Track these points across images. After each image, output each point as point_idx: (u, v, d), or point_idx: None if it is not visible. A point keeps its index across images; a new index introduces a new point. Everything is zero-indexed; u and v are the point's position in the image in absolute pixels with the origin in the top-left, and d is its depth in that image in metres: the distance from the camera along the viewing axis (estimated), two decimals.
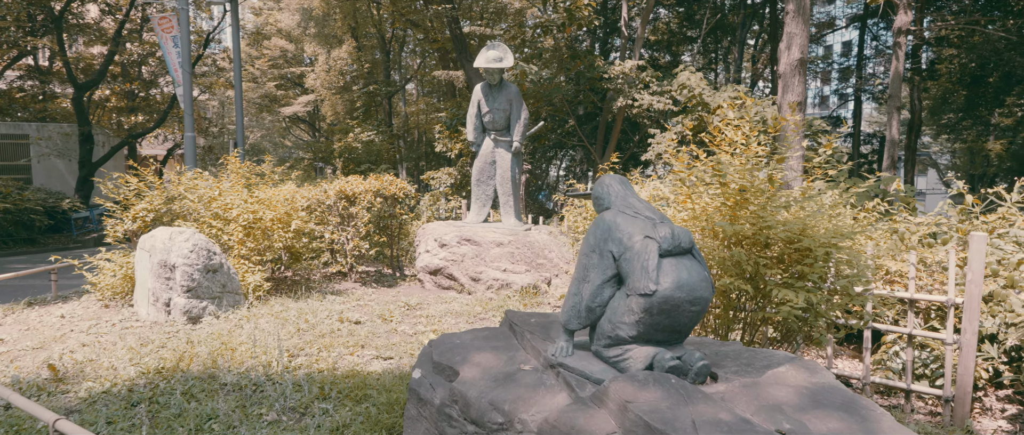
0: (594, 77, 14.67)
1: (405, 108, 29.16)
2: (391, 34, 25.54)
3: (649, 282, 2.44)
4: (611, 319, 2.62)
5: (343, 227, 7.13)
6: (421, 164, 23.92)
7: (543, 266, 6.87)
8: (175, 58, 11.81)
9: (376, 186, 7.37)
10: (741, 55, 25.30)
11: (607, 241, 2.67)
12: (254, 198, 6.16)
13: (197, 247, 5.21)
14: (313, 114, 31.03)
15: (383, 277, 7.79)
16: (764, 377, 2.41)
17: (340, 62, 24.34)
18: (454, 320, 5.51)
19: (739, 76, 25.10)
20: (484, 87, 7.34)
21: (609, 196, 2.92)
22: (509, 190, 7.41)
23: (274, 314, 5.33)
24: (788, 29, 7.95)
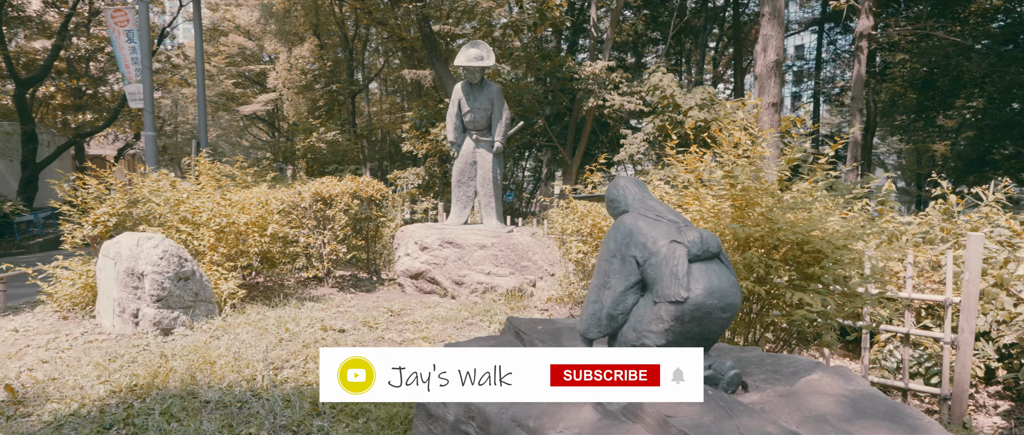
0: (565, 77, 14.64)
1: (368, 108, 28.65)
2: (354, 32, 25.05)
3: (680, 289, 2.34)
4: (636, 327, 2.51)
5: (319, 230, 6.84)
6: (385, 164, 23.51)
7: (527, 268, 6.74)
8: (128, 54, 11.20)
9: (352, 187, 7.11)
10: (703, 58, 25.78)
11: (629, 246, 2.55)
12: (226, 200, 5.83)
13: (167, 253, 4.88)
14: (273, 113, 30.19)
15: (360, 281, 7.53)
16: (798, 385, 2.34)
17: (302, 60, 23.72)
18: (441, 326, 5.33)
19: (701, 78, 25.56)
20: (465, 86, 7.17)
21: (625, 198, 2.81)
22: (491, 191, 7.26)
23: (252, 323, 5.05)
24: (763, 32, 8.04)
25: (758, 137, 3.57)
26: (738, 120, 3.75)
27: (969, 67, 17.45)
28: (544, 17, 13.99)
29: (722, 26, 26.66)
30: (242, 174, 6.83)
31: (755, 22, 27.03)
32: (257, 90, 28.60)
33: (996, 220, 4.57)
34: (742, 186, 3.50)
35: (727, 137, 3.69)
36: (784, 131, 6.90)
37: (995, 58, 16.74)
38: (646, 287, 2.55)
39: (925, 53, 18.97)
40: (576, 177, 17.50)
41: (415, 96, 23.81)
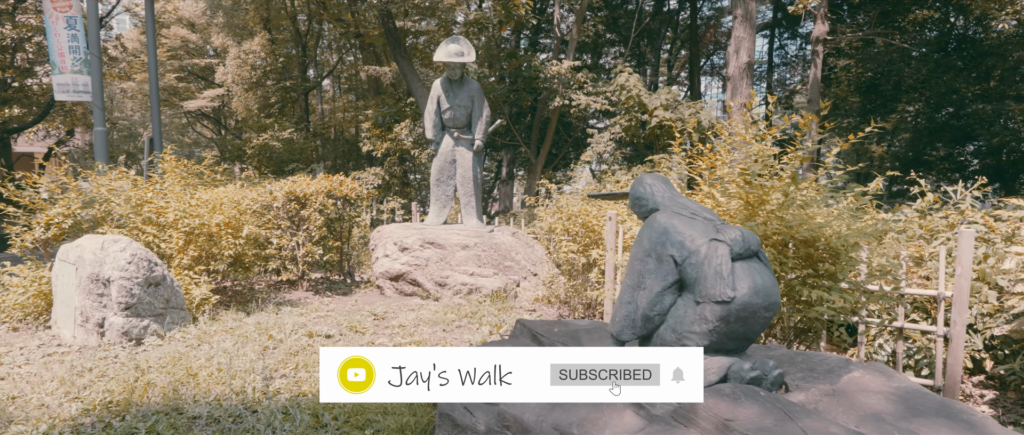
0: (530, 76, 14.59)
1: (322, 105, 27.90)
2: (306, 28, 24.31)
3: (726, 288, 2.28)
4: (676, 329, 2.44)
5: (293, 231, 6.53)
6: (339, 162, 22.94)
7: (511, 268, 6.63)
8: (65, 41, 10.44)
9: (327, 186, 6.82)
10: (657, 59, 26.30)
11: (665, 245, 2.48)
12: (196, 200, 5.47)
13: (136, 257, 4.52)
14: (220, 110, 28.98)
15: (334, 284, 7.24)
16: (842, 384, 2.32)
17: (252, 55, 22.82)
18: (430, 329, 5.16)
19: (656, 80, 26.05)
20: (444, 83, 7.00)
21: (653, 196, 2.74)
22: (471, 190, 7.12)
23: (230, 331, 4.74)
24: (736, 34, 8.20)
25: (766, 135, 3.59)
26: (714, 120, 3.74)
27: (909, 73, 18.44)
28: (510, 15, 13.89)
29: (676, 29, 27.23)
30: (210, 172, 6.43)
31: (710, 25, 27.78)
32: (202, 85, 27.38)
33: (972, 217, 4.76)
34: (754, 183, 3.50)
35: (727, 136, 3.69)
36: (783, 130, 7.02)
37: (933, 65, 17.74)
38: (684, 287, 2.49)
39: (868, 59, 19.95)
40: (540, 176, 17.50)
41: (372, 94, 23.29)
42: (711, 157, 3.92)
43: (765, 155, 3.49)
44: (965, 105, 18.49)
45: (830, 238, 3.19)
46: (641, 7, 20.85)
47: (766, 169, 3.47)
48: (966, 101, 18.53)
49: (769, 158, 3.50)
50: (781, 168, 3.68)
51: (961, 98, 18.72)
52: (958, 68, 18.36)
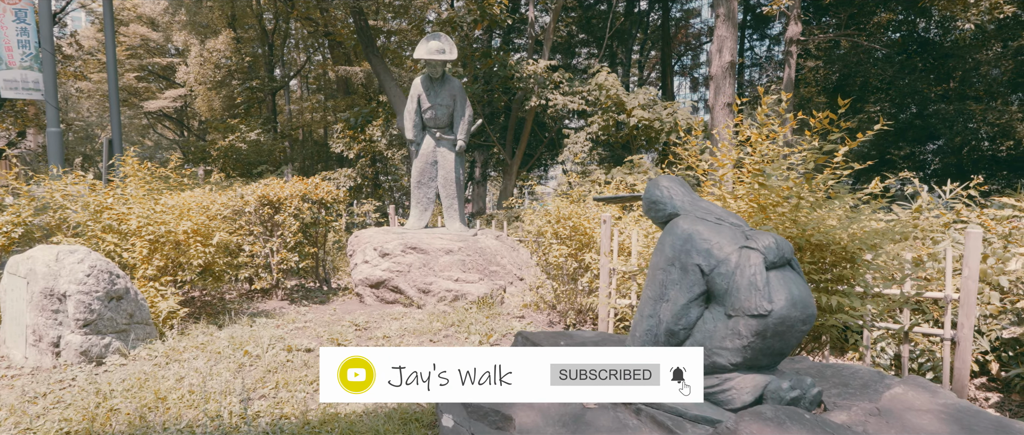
0: (506, 76, 14.38)
1: (289, 106, 27.22)
2: (273, 26, 23.66)
3: (763, 301, 2.10)
4: (705, 344, 2.25)
5: (267, 238, 6.17)
6: (308, 164, 22.37)
7: (496, 274, 6.40)
8: (13, 35, 9.81)
9: (302, 190, 6.49)
10: (628, 60, 26.41)
11: (690, 253, 2.29)
12: (161, 205, 5.08)
13: (96, 269, 4.15)
14: (182, 110, 28.02)
15: (310, 292, 6.89)
16: (884, 402, 2.16)
17: (217, 54, 22.06)
18: (416, 340, 4.90)
19: (629, 81, 26.15)
20: (424, 81, 6.73)
21: (671, 200, 2.55)
22: (453, 192, 6.86)
23: (201, 347, 4.39)
24: (718, 33, 8.13)
25: (776, 134, 3.44)
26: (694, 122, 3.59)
27: (874, 74, 18.85)
28: (485, 14, 13.65)
29: (646, 30, 27.39)
30: (177, 176, 6.02)
31: (681, 27, 28.01)
32: (164, 85, 26.42)
33: (967, 216, 4.72)
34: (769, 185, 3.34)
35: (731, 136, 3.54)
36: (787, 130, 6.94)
37: (898, 67, 18.15)
38: (711, 299, 2.30)
39: (834, 61, 20.34)
40: (516, 177, 17.30)
41: (342, 94, 22.76)
42: (713, 158, 3.76)
43: (777, 155, 3.34)
44: (927, 105, 18.99)
45: (847, 241, 3.05)
46: (614, 8, 20.85)
47: (776, 170, 3.32)
48: (928, 101, 19.02)
49: (780, 158, 3.36)
50: (788, 168, 3.54)
51: (924, 99, 19.22)
52: (920, 69, 18.85)
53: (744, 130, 3.68)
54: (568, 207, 5.45)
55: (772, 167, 3.21)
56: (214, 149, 18.27)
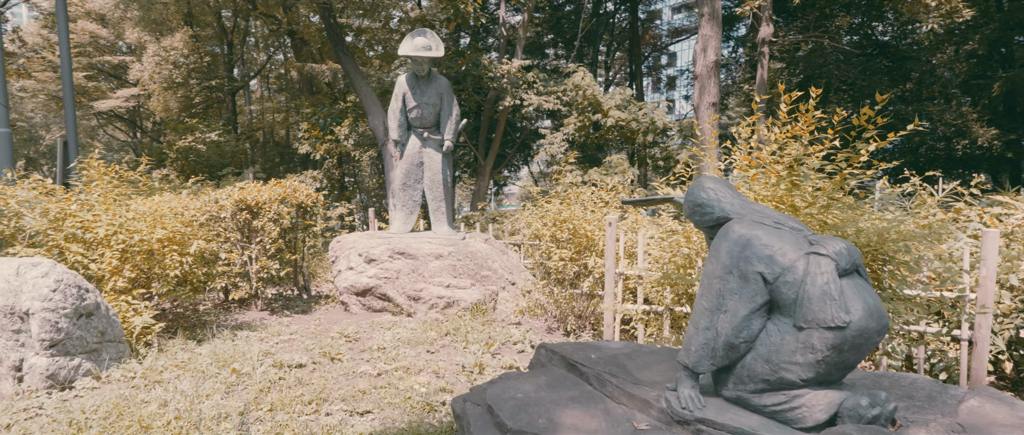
0: (479, 76, 14.15)
1: (250, 106, 26.35)
2: (232, 24, 22.83)
3: (841, 312, 1.94)
4: (771, 359, 2.08)
5: (244, 245, 5.79)
6: (270, 166, 21.67)
7: (488, 279, 6.18)
8: None
9: (280, 193, 6.13)
10: (595, 61, 26.49)
11: (750, 260, 2.13)
12: (133, 212, 4.68)
13: (62, 284, 3.75)
14: (135, 111, 26.78)
15: (290, 301, 6.53)
16: (963, 416, 2.03)
17: (174, 53, 21.12)
18: (413, 351, 4.64)
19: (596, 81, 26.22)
20: (410, 79, 6.45)
21: (719, 203, 2.38)
22: (440, 195, 6.60)
23: (182, 366, 4.04)
24: (703, 32, 8.09)
25: (804, 132, 3.33)
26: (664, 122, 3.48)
27: (838, 75, 19.37)
28: (458, 12, 13.39)
29: (612, 32, 27.53)
30: (146, 179, 5.58)
31: (647, 29, 28.27)
32: (115, 84, 25.18)
33: (967, 214, 4.74)
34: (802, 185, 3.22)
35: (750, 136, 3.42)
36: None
37: (860, 69, 18.67)
38: (774, 309, 2.14)
39: (798, 62, 20.83)
40: (489, 178, 17.08)
41: (306, 94, 22.10)
42: (744, 156, 3.64)
43: (804, 155, 3.23)
44: (886, 106, 19.62)
45: (878, 242, 2.96)
46: (584, 9, 20.85)
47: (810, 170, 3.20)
48: (888, 102, 19.65)
49: (806, 158, 3.25)
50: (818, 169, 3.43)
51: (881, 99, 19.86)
52: (881, 70, 19.46)
53: (764, 130, 3.56)
54: (567, 209, 5.28)
55: (801, 167, 3.10)
56: (172, 150, 17.45)
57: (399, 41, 15.91)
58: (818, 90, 3.23)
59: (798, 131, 3.25)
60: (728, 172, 6.61)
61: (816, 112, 3.37)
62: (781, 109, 3.33)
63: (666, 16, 35.80)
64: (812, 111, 3.24)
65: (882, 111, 20.04)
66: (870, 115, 3.10)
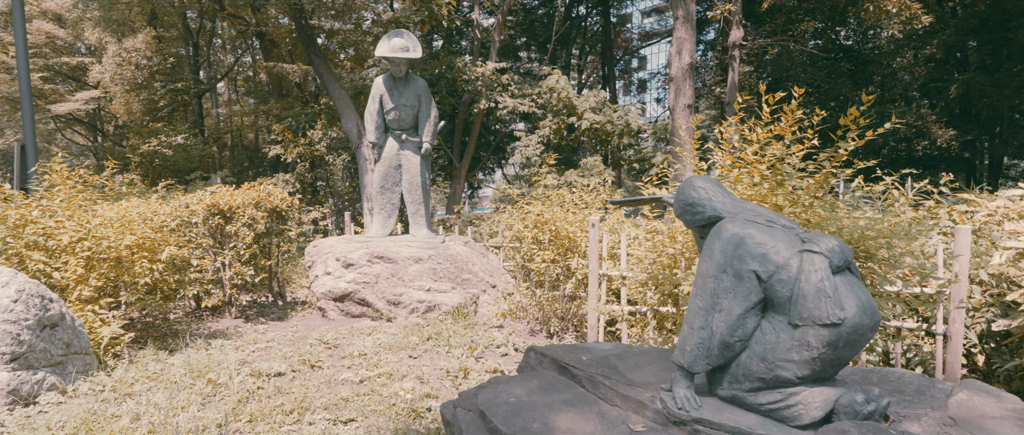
0: (453, 78, 14.07)
1: (217, 109, 25.78)
2: (198, 25, 22.31)
3: (836, 309, 1.96)
4: (766, 358, 2.09)
5: (217, 251, 5.62)
6: (238, 170, 21.22)
7: (469, 282, 6.12)
8: None
9: (254, 197, 5.97)
10: (568, 64, 26.64)
11: (744, 258, 2.13)
12: (99, 218, 4.48)
13: (25, 294, 3.57)
14: (95, 114, 25.92)
15: (265, 308, 6.36)
16: (954, 410, 2.06)
17: (136, 54, 20.50)
18: (395, 357, 4.55)
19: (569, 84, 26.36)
20: (387, 80, 6.36)
21: (710, 202, 2.38)
22: (419, 197, 6.52)
23: (154, 377, 3.88)
24: (677, 34, 8.18)
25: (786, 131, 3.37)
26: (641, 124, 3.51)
27: (803, 78, 19.84)
28: (433, 15, 13.30)
29: (584, 35, 27.74)
30: (112, 184, 5.36)
31: (619, 32, 28.54)
32: (73, 87, 24.34)
33: (936, 212, 4.87)
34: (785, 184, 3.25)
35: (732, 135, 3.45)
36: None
37: (826, 71, 19.17)
38: (768, 307, 2.15)
39: (765, 66, 21.29)
40: (464, 181, 17.00)
41: (276, 96, 21.69)
42: (727, 156, 3.66)
43: (788, 154, 3.27)
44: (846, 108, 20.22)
45: (859, 240, 3.00)
46: (557, 13, 20.95)
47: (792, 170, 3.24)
48: (850, 104, 20.21)
49: (789, 156, 3.29)
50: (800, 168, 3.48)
51: (846, 101, 20.40)
52: (844, 74, 20.00)
53: (745, 131, 3.60)
54: (549, 211, 5.25)
55: (784, 166, 3.13)
56: (135, 154, 16.91)
57: (371, 43, 15.74)
58: (801, 90, 3.27)
59: (781, 131, 3.29)
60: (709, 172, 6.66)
61: (797, 112, 3.41)
62: (764, 109, 3.36)
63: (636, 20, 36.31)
64: (795, 110, 3.28)
65: (841, 111, 20.62)
66: (855, 115, 3.15)
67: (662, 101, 26.15)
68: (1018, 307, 3.76)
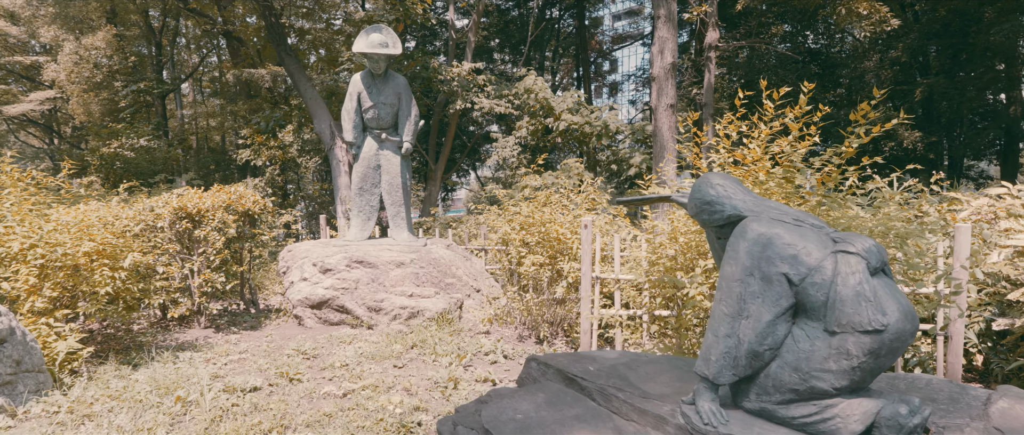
0: (429, 78, 13.81)
1: (181, 111, 24.97)
2: (161, 24, 21.55)
3: (877, 314, 1.81)
4: (799, 367, 1.93)
5: (185, 257, 5.28)
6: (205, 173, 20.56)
7: (453, 286, 5.89)
8: None
9: (225, 200, 5.65)
10: (542, 65, 26.58)
11: (772, 260, 1.97)
12: (54, 222, 4.13)
13: None
14: (51, 115, 24.84)
15: (237, 317, 6.03)
16: (998, 419, 1.93)
17: (96, 53, 19.67)
18: (379, 368, 4.30)
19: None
20: (365, 78, 6.11)
21: (730, 200, 2.22)
22: (400, 199, 6.28)
23: (115, 395, 3.56)
24: (659, 34, 8.10)
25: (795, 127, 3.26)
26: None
27: (775, 81, 20.14)
28: (408, 13, 13.02)
29: (558, 37, 27.72)
30: (69, 187, 4.98)
31: (592, 34, 28.58)
32: (27, 87, 23.27)
33: (927, 212, 4.84)
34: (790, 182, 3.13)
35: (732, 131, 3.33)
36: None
37: (796, 74, 19.47)
38: (800, 312, 1.99)
39: (737, 68, 21.55)
40: (440, 183, 16.72)
41: (244, 97, 21.07)
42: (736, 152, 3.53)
43: (793, 151, 3.15)
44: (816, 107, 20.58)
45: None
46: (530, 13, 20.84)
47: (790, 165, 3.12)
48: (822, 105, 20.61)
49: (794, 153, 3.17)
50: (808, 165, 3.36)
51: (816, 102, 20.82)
52: (813, 76, 20.36)
53: (744, 128, 3.48)
54: (539, 211, 5.07)
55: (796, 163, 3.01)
56: (95, 157, 16.18)
57: (343, 43, 15.36)
58: (811, 84, 3.16)
59: (790, 126, 3.17)
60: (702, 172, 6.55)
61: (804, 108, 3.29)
62: (768, 104, 3.24)
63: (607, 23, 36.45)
64: (802, 106, 3.16)
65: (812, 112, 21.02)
66: (866, 110, 3.04)
67: (636, 103, 26.27)
68: (1020, 306, 3.71)
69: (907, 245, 3.01)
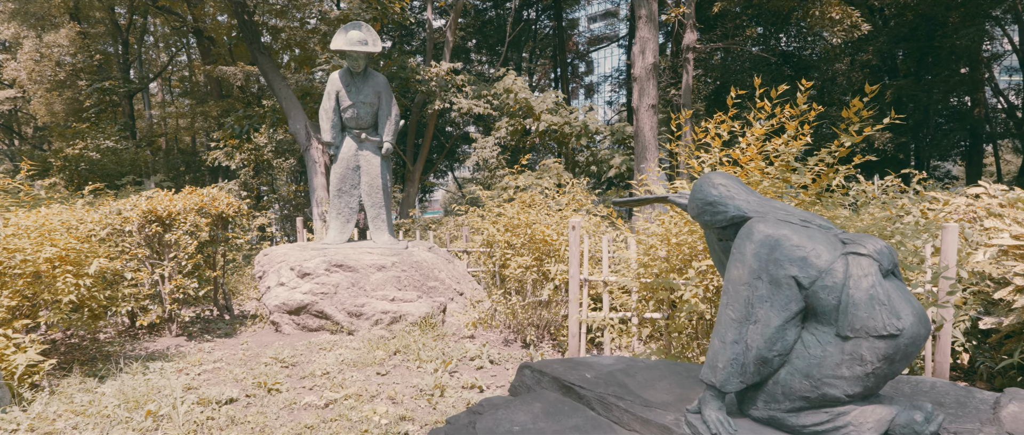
0: (407, 78, 13.62)
1: (149, 111, 24.29)
2: (127, 21, 20.92)
3: (892, 318, 1.75)
4: (810, 373, 1.86)
5: (155, 262, 5.04)
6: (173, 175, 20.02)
7: (435, 289, 5.76)
8: None
9: (197, 202, 5.43)
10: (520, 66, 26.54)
11: (781, 263, 1.90)
12: (11, 227, 3.89)
13: None
14: (11, 115, 23.95)
15: (210, 324, 5.80)
16: (1010, 425, 1.88)
17: (58, 50, 18.99)
18: (362, 376, 4.16)
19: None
20: (343, 76, 5.94)
21: (733, 200, 2.15)
22: (380, 201, 6.12)
23: (80, 410, 3.35)
24: (640, 34, 8.08)
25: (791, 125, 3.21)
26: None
27: (750, 83, 20.40)
28: (386, 11, 12.82)
29: (535, 38, 27.70)
30: (28, 189, 4.71)
31: (569, 35, 28.64)
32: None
33: (909, 210, 4.87)
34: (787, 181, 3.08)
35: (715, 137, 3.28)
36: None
37: (770, 76, 19.76)
38: (810, 316, 1.93)
39: (712, 70, 21.80)
40: (418, 184, 16.52)
41: (215, 97, 20.56)
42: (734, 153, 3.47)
43: (787, 150, 3.10)
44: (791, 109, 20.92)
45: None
46: (510, 16, 20.78)
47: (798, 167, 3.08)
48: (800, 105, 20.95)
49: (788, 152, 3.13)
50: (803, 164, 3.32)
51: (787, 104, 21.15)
52: (786, 78, 20.69)
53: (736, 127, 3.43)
54: (525, 213, 4.97)
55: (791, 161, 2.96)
56: (58, 158, 15.59)
57: (318, 42, 15.07)
58: (809, 83, 3.12)
59: (788, 125, 3.12)
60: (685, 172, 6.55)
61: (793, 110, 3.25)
62: (763, 101, 3.19)
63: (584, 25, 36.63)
64: (800, 105, 3.12)
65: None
66: (859, 107, 3.01)
67: (613, 104, 26.39)
68: (1007, 305, 3.73)
69: (902, 246, 2.98)
